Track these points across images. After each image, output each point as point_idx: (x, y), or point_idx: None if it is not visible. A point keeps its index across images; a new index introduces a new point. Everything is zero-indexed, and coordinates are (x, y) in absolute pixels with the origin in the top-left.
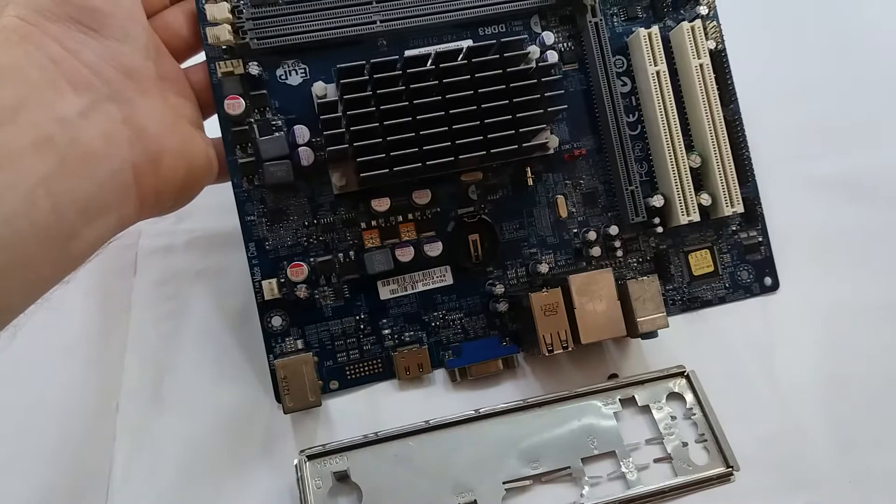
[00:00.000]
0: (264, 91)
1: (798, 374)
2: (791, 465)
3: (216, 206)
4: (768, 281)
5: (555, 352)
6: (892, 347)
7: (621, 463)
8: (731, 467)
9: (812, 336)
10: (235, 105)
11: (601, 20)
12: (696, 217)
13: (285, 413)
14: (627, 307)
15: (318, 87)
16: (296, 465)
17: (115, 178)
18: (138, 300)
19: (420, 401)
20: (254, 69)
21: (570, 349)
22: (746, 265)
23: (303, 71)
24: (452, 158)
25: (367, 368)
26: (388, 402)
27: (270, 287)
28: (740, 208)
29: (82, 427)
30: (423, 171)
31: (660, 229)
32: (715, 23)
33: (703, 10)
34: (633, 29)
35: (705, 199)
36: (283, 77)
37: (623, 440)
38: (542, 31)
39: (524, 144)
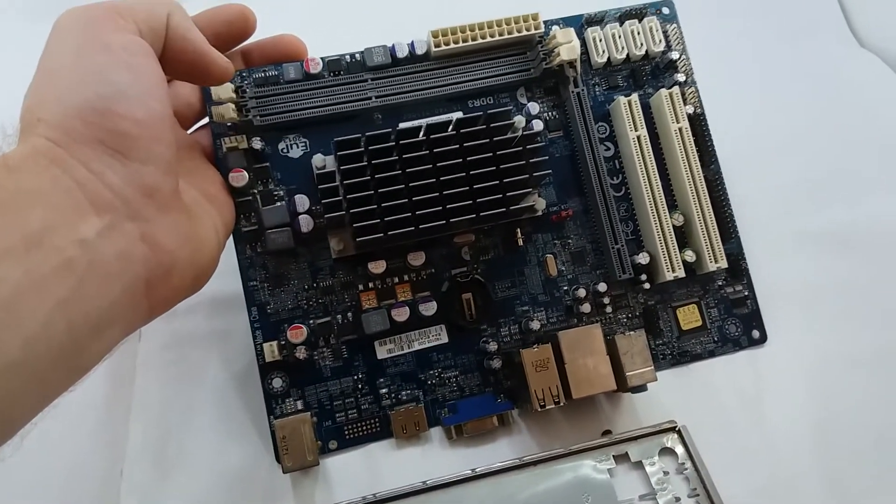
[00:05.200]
0: (267, 164)
1: (788, 426)
2: None
3: (219, 271)
4: (756, 334)
5: (547, 407)
6: (881, 397)
7: None
8: None
9: (801, 387)
10: (239, 178)
11: (583, 90)
12: (681, 273)
13: (284, 472)
14: (616, 362)
15: (318, 160)
16: None
17: (127, 293)
18: (142, 365)
19: (417, 459)
20: (257, 144)
21: (561, 404)
22: (734, 319)
23: (303, 144)
24: (444, 222)
25: (365, 428)
26: (385, 461)
27: (271, 349)
28: (724, 263)
29: (88, 494)
30: (417, 235)
31: (647, 285)
32: (693, 88)
33: (681, 77)
34: (615, 97)
35: (689, 255)
36: (285, 150)
37: (617, 496)
38: (528, 101)
39: (512, 207)
